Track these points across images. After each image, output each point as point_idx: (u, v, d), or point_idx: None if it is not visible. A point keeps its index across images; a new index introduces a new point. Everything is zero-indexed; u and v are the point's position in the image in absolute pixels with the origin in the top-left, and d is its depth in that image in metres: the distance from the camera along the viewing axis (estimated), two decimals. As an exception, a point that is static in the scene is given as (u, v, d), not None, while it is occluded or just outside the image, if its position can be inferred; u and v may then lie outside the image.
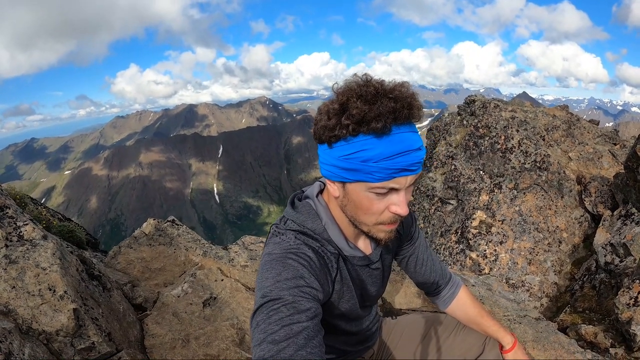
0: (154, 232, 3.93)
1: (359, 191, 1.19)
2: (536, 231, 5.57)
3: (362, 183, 1.17)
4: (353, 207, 1.24)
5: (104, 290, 2.76)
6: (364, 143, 1.11)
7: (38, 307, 2.18)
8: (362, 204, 1.21)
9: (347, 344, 1.65)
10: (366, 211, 1.22)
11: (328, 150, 1.19)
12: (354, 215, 1.27)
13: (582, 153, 6.36)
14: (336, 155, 1.17)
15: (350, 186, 1.20)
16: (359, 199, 1.21)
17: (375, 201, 1.19)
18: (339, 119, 1.12)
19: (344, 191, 1.24)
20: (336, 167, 1.18)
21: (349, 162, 1.14)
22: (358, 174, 1.15)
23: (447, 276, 1.79)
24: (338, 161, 1.17)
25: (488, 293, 3.59)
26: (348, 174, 1.17)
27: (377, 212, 1.22)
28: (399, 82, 1.15)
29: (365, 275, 1.49)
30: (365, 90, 1.11)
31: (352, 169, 1.15)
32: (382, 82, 1.14)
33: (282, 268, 1.17)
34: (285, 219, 1.38)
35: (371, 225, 1.26)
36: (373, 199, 1.19)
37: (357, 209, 1.24)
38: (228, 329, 2.87)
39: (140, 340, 2.73)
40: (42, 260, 2.35)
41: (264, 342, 1.01)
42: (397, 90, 1.12)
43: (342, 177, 1.19)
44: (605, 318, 3.78)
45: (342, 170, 1.17)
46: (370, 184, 1.16)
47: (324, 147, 1.21)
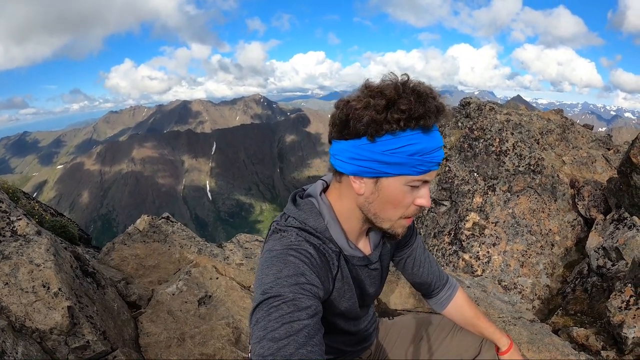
0: (148, 229, 3.91)
1: (396, 185, 1.21)
2: (529, 234, 5.60)
3: (402, 177, 1.20)
4: (382, 202, 1.25)
5: (98, 287, 2.73)
6: (411, 137, 1.15)
7: (32, 304, 2.15)
8: (396, 198, 1.23)
9: (346, 344, 1.64)
10: (397, 205, 1.25)
11: (368, 145, 1.18)
12: (380, 211, 1.27)
13: (576, 157, 6.39)
14: (380, 149, 1.17)
15: (387, 181, 1.22)
16: (393, 193, 1.23)
17: (407, 194, 1.23)
18: (388, 114, 1.14)
19: (374, 187, 1.24)
20: (376, 162, 1.19)
21: (395, 156, 1.16)
22: (402, 167, 1.18)
23: (444, 278, 1.79)
24: (381, 155, 1.17)
25: (483, 294, 3.60)
26: (390, 168, 1.18)
27: (405, 206, 1.25)
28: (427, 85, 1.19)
29: (364, 275, 1.49)
30: (409, 89, 1.15)
31: (397, 162, 1.17)
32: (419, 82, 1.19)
33: (283, 265, 1.16)
34: (286, 216, 1.37)
35: (395, 220, 1.29)
36: (406, 193, 1.23)
37: (387, 204, 1.25)
38: (224, 328, 2.86)
39: (135, 339, 2.70)
40: (36, 256, 2.32)
41: (263, 340, 1.00)
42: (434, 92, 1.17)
43: (380, 172, 1.20)
44: (596, 321, 3.80)
45: (384, 165, 1.18)
46: (410, 177, 1.19)
47: (361, 142, 1.19)
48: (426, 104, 1.13)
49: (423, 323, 1.91)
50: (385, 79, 1.19)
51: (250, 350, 1.32)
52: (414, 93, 1.14)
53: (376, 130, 1.16)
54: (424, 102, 1.13)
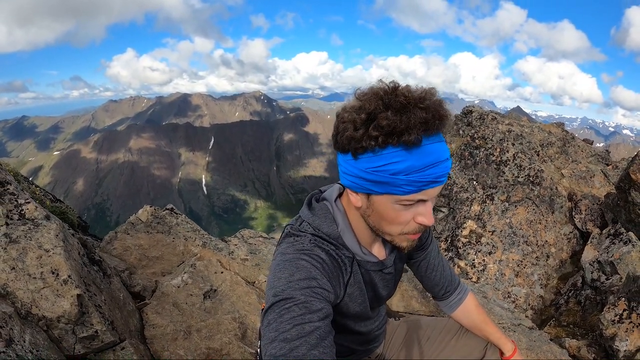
0: (152, 220, 3.88)
1: (385, 203, 1.17)
2: (525, 244, 5.64)
3: (389, 196, 1.15)
4: (377, 217, 1.23)
5: (105, 276, 2.68)
6: (393, 155, 1.08)
7: (39, 290, 2.08)
8: (388, 215, 1.19)
9: (356, 343, 1.67)
10: (391, 222, 1.21)
11: (352, 161, 1.16)
12: (378, 225, 1.25)
13: (575, 171, 6.45)
14: (362, 167, 1.13)
15: (376, 198, 1.18)
16: (385, 210, 1.19)
17: (401, 212, 1.18)
18: (367, 130, 1.08)
19: (367, 202, 1.22)
20: (361, 179, 1.16)
21: (377, 175, 1.11)
22: (386, 186, 1.12)
23: (455, 282, 1.80)
24: (364, 173, 1.13)
25: (483, 301, 3.64)
26: (375, 187, 1.14)
27: (403, 223, 1.21)
28: (427, 89, 1.11)
29: (378, 279, 1.49)
30: (394, 100, 1.07)
31: (380, 181, 1.12)
32: (410, 89, 1.10)
33: (295, 269, 1.17)
34: (300, 220, 1.37)
35: (395, 235, 1.25)
36: (400, 211, 1.18)
37: (382, 220, 1.22)
38: (230, 323, 2.85)
39: (140, 330, 2.67)
40: (44, 241, 2.24)
41: (275, 341, 1.02)
42: (427, 99, 1.08)
43: (367, 189, 1.17)
44: (588, 333, 3.84)
45: (368, 183, 1.15)
46: (398, 197, 1.14)
47: (347, 157, 1.17)
48: (410, 117, 1.04)
49: (429, 325, 1.94)
50: (374, 87, 1.13)
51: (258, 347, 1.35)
52: (396, 104, 1.06)
53: (356, 147, 1.12)
54: (407, 114, 1.05)
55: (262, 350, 1.07)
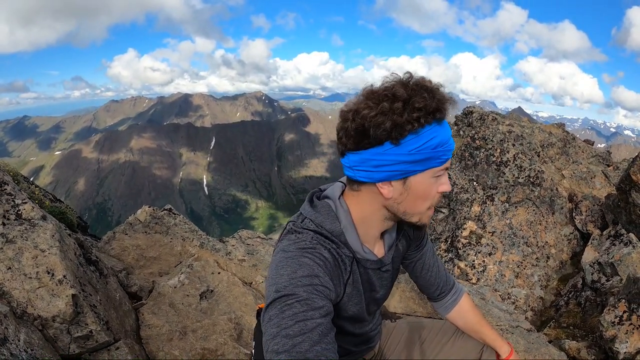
0: (150, 220, 3.89)
1: (425, 180, 1.25)
2: (525, 245, 5.63)
3: (430, 170, 1.23)
4: (413, 199, 1.28)
5: (101, 276, 2.69)
6: (430, 132, 1.18)
7: (34, 290, 2.11)
8: (425, 191, 1.27)
9: (351, 344, 1.66)
10: (427, 197, 1.28)
11: (394, 149, 1.19)
12: (410, 208, 1.30)
13: (575, 172, 6.44)
14: (406, 150, 1.19)
15: (415, 179, 1.24)
16: (423, 187, 1.26)
17: (434, 185, 1.27)
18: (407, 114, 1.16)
19: (403, 187, 1.25)
20: (404, 163, 1.20)
21: (421, 153, 1.19)
22: (430, 161, 1.21)
23: (450, 283, 1.81)
24: (408, 156, 1.19)
25: (481, 302, 3.63)
26: (419, 165, 1.21)
27: (433, 196, 1.29)
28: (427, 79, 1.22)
29: (376, 278, 1.50)
30: (420, 86, 1.18)
31: (425, 158, 1.20)
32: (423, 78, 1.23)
33: (298, 266, 1.18)
34: (302, 217, 1.37)
35: (424, 212, 1.32)
36: (432, 184, 1.26)
37: (418, 199, 1.28)
38: (226, 323, 2.85)
39: (136, 331, 2.68)
40: (40, 241, 2.27)
41: (277, 336, 1.03)
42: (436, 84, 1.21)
43: (409, 172, 1.23)
44: (588, 335, 3.82)
45: (412, 164, 1.21)
46: (436, 169, 1.24)
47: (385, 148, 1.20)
48: (437, 96, 1.17)
49: (425, 327, 1.93)
50: (388, 80, 1.22)
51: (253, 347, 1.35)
52: (424, 89, 1.17)
53: (400, 133, 1.17)
54: (435, 95, 1.17)
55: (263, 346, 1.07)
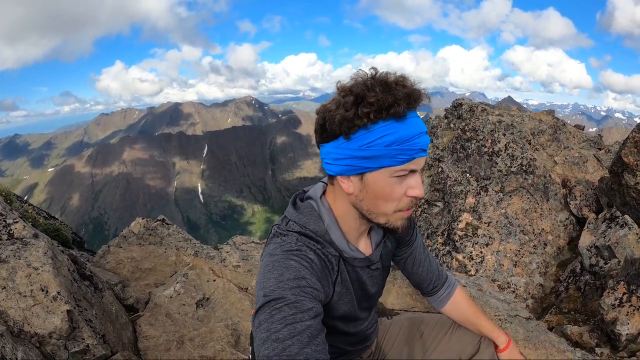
0: (144, 232, 3.88)
1: (381, 179, 1.22)
2: (522, 233, 5.63)
3: (385, 169, 1.20)
4: (372, 198, 1.25)
5: (96, 290, 2.70)
6: (385, 128, 1.16)
7: (30, 308, 2.12)
8: (384, 191, 1.23)
9: (346, 344, 1.66)
10: (387, 198, 1.24)
11: (345, 144, 1.21)
12: (373, 207, 1.27)
13: (567, 157, 6.44)
14: (356, 145, 1.19)
15: (371, 176, 1.22)
16: (379, 186, 1.23)
17: (396, 186, 1.23)
18: (357, 109, 1.15)
19: (361, 184, 1.25)
20: (356, 159, 1.20)
21: (372, 149, 1.17)
22: (382, 159, 1.18)
23: (443, 277, 1.81)
24: (359, 151, 1.19)
25: (479, 293, 3.62)
26: (370, 162, 1.19)
27: (397, 198, 1.25)
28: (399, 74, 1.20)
29: (366, 277, 1.50)
30: (377, 81, 1.16)
31: (375, 155, 1.18)
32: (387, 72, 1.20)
33: (285, 269, 1.18)
34: (287, 220, 1.38)
35: (390, 214, 1.28)
36: (394, 184, 1.22)
37: (378, 199, 1.25)
38: (223, 330, 2.84)
39: (134, 342, 2.68)
40: (33, 259, 2.29)
41: (267, 341, 1.03)
42: (405, 80, 1.18)
43: (362, 168, 1.21)
44: (590, 319, 3.82)
45: (363, 160, 1.19)
46: (393, 168, 1.19)
47: (339, 142, 1.22)
48: (394, 92, 1.14)
49: (422, 322, 1.92)
50: (356, 76, 1.21)
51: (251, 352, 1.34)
52: (380, 84, 1.16)
53: (349, 127, 1.18)
54: (391, 91, 1.14)
55: (255, 352, 1.08)
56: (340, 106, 1.19)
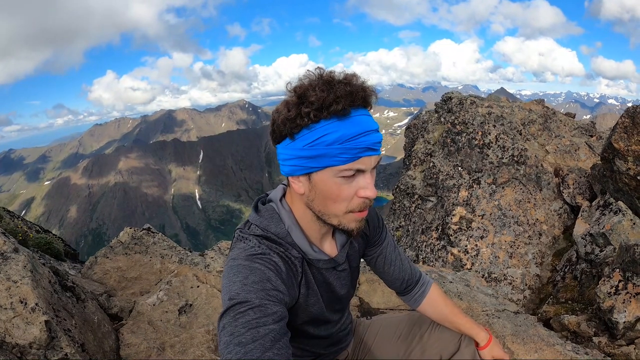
0: (130, 241, 3.91)
1: (327, 179, 1.20)
2: (516, 225, 5.60)
3: (329, 169, 1.18)
4: (321, 198, 1.24)
5: (78, 301, 2.72)
6: (326, 127, 1.15)
7: (10, 320, 2.15)
8: (331, 191, 1.21)
9: (319, 347, 1.64)
10: (335, 199, 1.23)
11: (291, 144, 1.21)
12: (323, 208, 1.26)
13: (559, 146, 6.41)
14: (299, 145, 1.19)
15: (317, 176, 1.21)
16: (327, 187, 1.21)
17: (343, 186, 1.20)
18: (299, 109, 1.15)
19: (309, 184, 1.24)
20: (301, 159, 1.20)
21: (314, 149, 1.16)
22: (324, 159, 1.16)
23: (416, 275, 1.79)
24: (302, 151, 1.18)
25: (466, 289, 3.59)
26: (314, 162, 1.18)
27: (347, 199, 1.22)
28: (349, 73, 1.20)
29: (333, 278, 1.49)
30: (320, 80, 1.16)
31: (318, 155, 1.16)
32: (334, 72, 1.19)
33: (249, 272, 1.18)
34: (249, 224, 1.38)
35: (341, 215, 1.26)
36: (341, 184, 1.20)
37: (326, 199, 1.24)
38: (203, 335, 2.85)
39: (116, 350, 2.69)
40: (13, 273, 2.32)
41: (230, 344, 1.02)
42: (349, 78, 1.17)
43: (307, 168, 1.20)
44: (587, 307, 3.79)
45: (308, 160, 1.19)
46: (337, 168, 1.17)
47: (286, 143, 1.23)
48: (335, 90, 1.13)
49: (401, 321, 1.91)
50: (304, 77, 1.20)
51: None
52: (324, 83, 1.15)
53: (292, 127, 1.19)
54: (333, 89, 1.13)
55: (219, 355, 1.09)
56: (284, 107, 1.20)
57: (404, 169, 7.54)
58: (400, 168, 8.27)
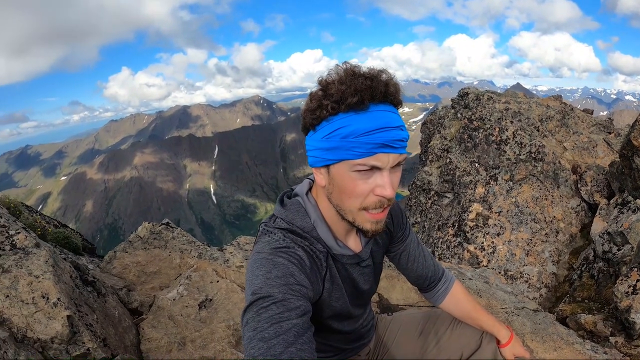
0: (149, 236, 3.92)
1: (343, 172, 1.19)
2: (533, 222, 5.56)
3: (345, 162, 1.17)
4: (338, 192, 1.24)
5: (99, 295, 2.74)
6: (343, 120, 1.15)
7: (32, 315, 2.17)
8: (346, 185, 1.20)
9: (342, 342, 1.64)
10: (350, 194, 1.21)
11: (313, 135, 1.23)
12: (339, 202, 1.25)
13: (576, 142, 6.35)
14: (319, 137, 1.20)
15: (334, 168, 1.21)
16: (343, 180, 1.20)
17: (359, 182, 1.19)
18: (320, 101, 1.17)
19: (329, 176, 1.24)
20: (320, 150, 1.21)
21: (331, 140, 1.17)
22: (339, 151, 1.16)
23: (439, 272, 1.78)
24: (321, 142, 1.19)
25: (485, 286, 3.57)
26: (330, 154, 1.18)
27: (361, 195, 1.20)
28: (377, 68, 1.19)
29: (357, 274, 1.48)
30: (343, 73, 1.16)
31: (334, 147, 1.17)
32: (359, 66, 1.19)
33: (272, 266, 1.17)
34: (274, 218, 1.37)
35: (356, 212, 1.24)
36: (356, 179, 1.18)
37: (342, 193, 1.23)
38: (224, 330, 2.86)
39: (137, 345, 2.72)
40: (34, 268, 2.34)
41: (253, 339, 1.02)
42: (373, 72, 1.17)
43: (325, 160, 1.21)
44: (604, 307, 3.76)
45: (325, 152, 1.19)
46: (352, 162, 1.16)
47: (310, 134, 1.25)
48: (355, 84, 1.13)
49: (422, 318, 1.90)
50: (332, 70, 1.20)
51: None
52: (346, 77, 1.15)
53: (313, 119, 1.21)
54: (352, 83, 1.13)
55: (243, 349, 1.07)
56: (310, 98, 1.22)
57: (420, 165, 7.52)
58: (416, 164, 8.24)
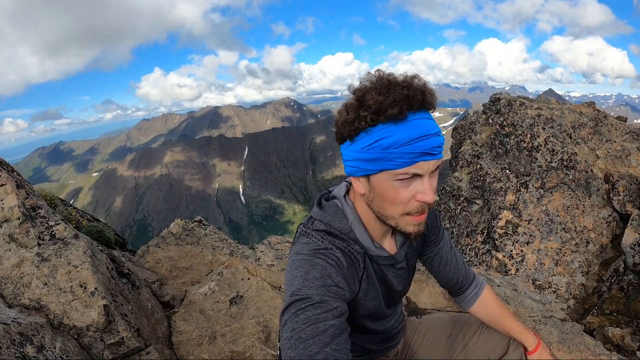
0: (182, 232, 3.99)
1: (384, 181, 1.20)
2: (563, 231, 5.50)
3: (386, 172, 1.18)
4: (379, 200, 1.25)
5: (133, 287, 2.82)
6: (383, 132, 1.15)
7: (69, 303, 2.25)
8: (388, 194, 1.22)
9: (372, 343, 1.66)
10: (392, 201, 1.23)
11: (350, 146, 1.23)
12: (381, 209, 1.27)
13: (609, 151, 6.24)
14: (358, 148, 1.20)
15: (375, 178, 1.22)
16: (384, 189, 1.21)
17: (400, 189, 1.20)
18: (357, 113, 1.16)
19: (369, 185, 1.25)
20: (359, 161, 1.21)
21: (371, 152, 1.17)
22: (381, 162, 1.17)
23: (470, 276, 1.78)
24: (360, 154, 1.19)
25: (513, 294, 3.55)
26: (371, 165, 1.19)
27: (403, 202, 1.22)
28: (409, 75, 1.19)
29: (391, 275, 1.50)
30: (379, 83, 1.15)
31: (375, 158, 1.17)
32: (393, 74, 1.19)
33: (311, 267, 1.20)
34: (312, 219, 1.40)
35: (398, 217, 1.26)
36: (398, 187, 1.20)
37: (384, 201, 1.24)
38: (254, 327, 2.90)
39: (168, 337, 2.79)
40: (73, 258, 2.42)
41: (291, 340, 1.05)
42: (408, 80, 1.16)
43: (366, 170, 1.21)
44: (633, 321, 3.71)
45: (365, 162, 1.20)
46: (394, 172, 1.17)
47: (347, 144, 1.25)
48: (393, 94, 1.12)
49: (450, 322, 1.91)
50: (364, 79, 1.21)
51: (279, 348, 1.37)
52: (381, 86, 1.15)
53: (350, 130, 1.20)
54: (390, 93, 1.13)
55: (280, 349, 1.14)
56: (344, 110, 1.22)
57: (450, 171, 7.48)
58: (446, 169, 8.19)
